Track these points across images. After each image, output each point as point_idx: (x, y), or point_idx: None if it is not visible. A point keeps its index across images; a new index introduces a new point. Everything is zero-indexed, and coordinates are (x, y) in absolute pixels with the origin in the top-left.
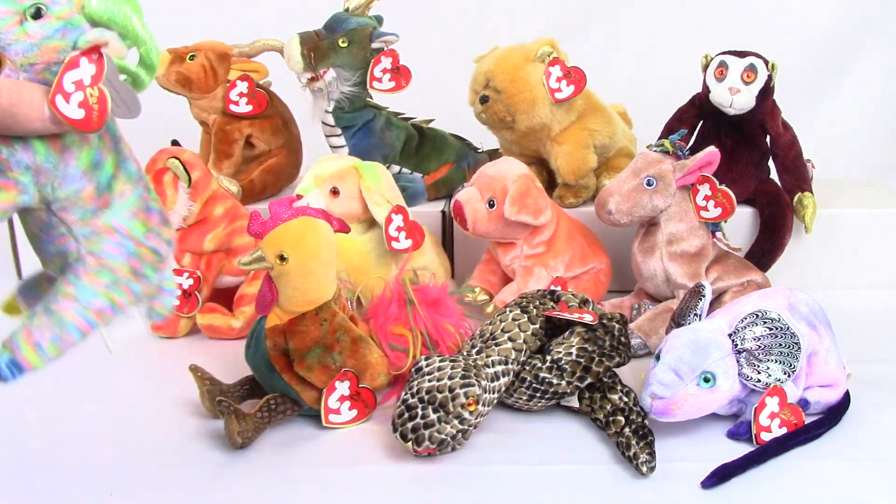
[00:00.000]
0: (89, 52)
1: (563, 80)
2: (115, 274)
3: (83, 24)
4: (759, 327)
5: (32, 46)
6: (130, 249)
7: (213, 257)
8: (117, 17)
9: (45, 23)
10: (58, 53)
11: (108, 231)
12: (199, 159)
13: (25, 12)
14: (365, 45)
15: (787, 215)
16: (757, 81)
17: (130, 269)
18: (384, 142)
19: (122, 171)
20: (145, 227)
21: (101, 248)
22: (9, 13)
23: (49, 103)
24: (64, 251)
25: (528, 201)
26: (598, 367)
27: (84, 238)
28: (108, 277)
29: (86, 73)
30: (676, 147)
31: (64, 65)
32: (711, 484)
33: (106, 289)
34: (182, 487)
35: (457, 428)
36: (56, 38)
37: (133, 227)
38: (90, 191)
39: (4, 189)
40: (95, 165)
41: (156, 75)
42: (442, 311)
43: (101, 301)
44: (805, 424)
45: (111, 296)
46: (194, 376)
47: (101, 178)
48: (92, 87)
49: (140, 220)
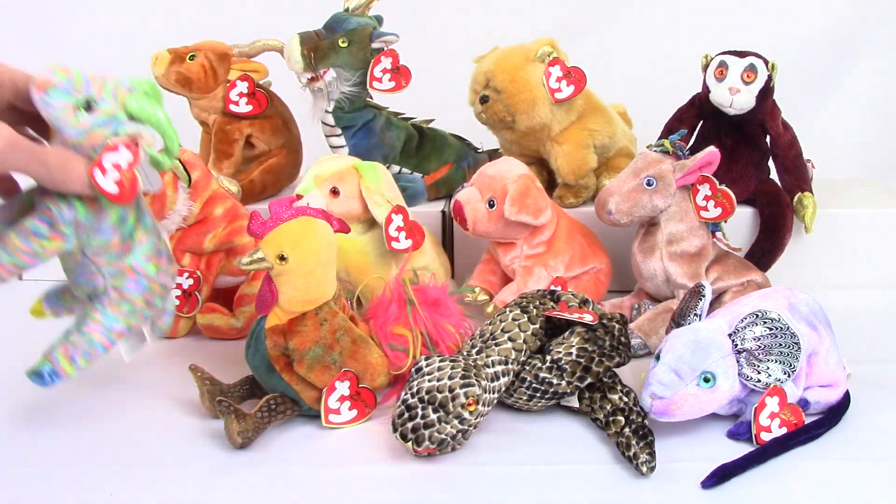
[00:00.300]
0: (127, 142)
1: (563, 80)
2: (133, 305)
3: (124, 118)
4: (759, 327)
5: (82, 133)
6: (145, 285)
7: (213, 257)
8: (151, 116)
9: (94, 115)
10: (102, 139)
11: (129, 271)
12: (199, 159)
13: (79, 105)
14: (365, 45)
15: (787, 215)
16: (757, 81)
17: (144, 300)
18: (384, 142)
19: (142, 224)
20: (157, 267)
21: (123, 284)
22: (66, 105)
23: (88, 174)
24: (93, 284)
25: (528, 201)
26: (598, 367)
27: (110, 276)
28: (127, 307)
29: (123, 158)
30: (676, 147)
31: (105, 147)
32: (711, 484)
33: (125, 316)
34: (182, 487)
35: (457, 428)
36: (101, 128)
37: (148, 268)
38: (116, 240)
39: (54, 239)
40: (121, 221)
41: (156, 77)
42: (442, 311)
43: (121, 325)
44: (805, 424)
45: (129, 321)
46: (194, 376)
47: (125, 231)
48: (127, 171)
49: (153, 262)
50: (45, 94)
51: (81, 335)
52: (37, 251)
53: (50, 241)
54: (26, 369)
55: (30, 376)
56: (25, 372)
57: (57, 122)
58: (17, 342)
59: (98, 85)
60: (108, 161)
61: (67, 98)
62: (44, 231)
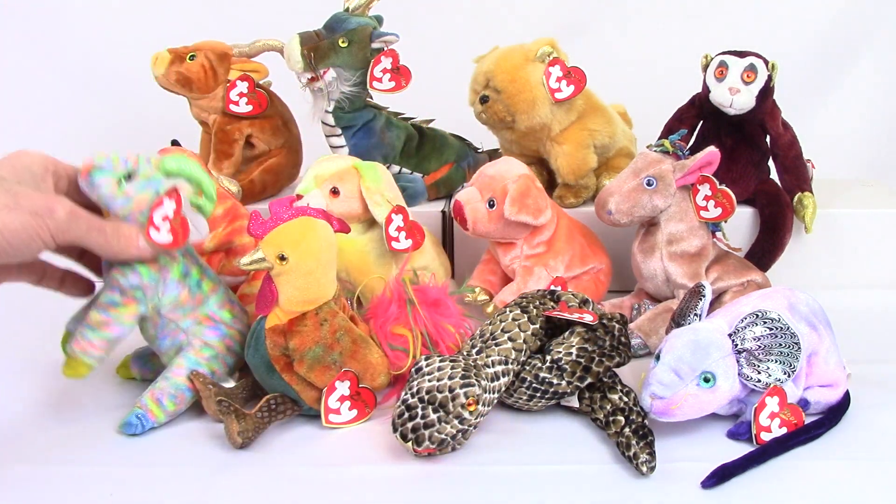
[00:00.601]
0: (170, 194)
1: (563, 80)
2: (214, 350)
3: (161, 177)
4: (759, 327)
5: (128, 200)
6: (223, 332)
7: (213, 257)
8: (186, 170)
9: (136, 182)
10: (147, 203)
11: (206, 320)
12: (199, 159)
13: (121, 178)
14: (365, 45)
15: (787, 215)
16: (757, 81)
17: (225, 346)
18: (384, 142)
19: (207, 277)
20: (231, 314)
21: (202, 332)
22: (110, 181)
23: (145, 236)
24: (177, 342)
25: (528, 201)
26: (598, 367)
27: (190, 329)
28: (209, 352)
29: (169, 209)
30: (676, 147)
31: (153, 205)
32: (711, 484)
33: (207, 361)
34: (182, 487)
35: (457, 428)
36: (144, 191)
37: (223, 315)
38: (185, 294)
39: (128, 305)
40: (185, 275)
41: (156, 77)
42: (442, 311)
43: (204, 369)
44: (805, 424)
45: (211, 366)
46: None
47: (192, 283)
48: (175, 218)
49: (227, 309)
50: (89, 177)
51: (167, 381)
52: (116, 319)
53: (125, 307)
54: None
55: (121, 427)
56: (119, 426)
57: (105, 200)
58: (18, 342)
59: (133, 158)
60: (158, 216)
61: (110, 175)
62: (117, 299)
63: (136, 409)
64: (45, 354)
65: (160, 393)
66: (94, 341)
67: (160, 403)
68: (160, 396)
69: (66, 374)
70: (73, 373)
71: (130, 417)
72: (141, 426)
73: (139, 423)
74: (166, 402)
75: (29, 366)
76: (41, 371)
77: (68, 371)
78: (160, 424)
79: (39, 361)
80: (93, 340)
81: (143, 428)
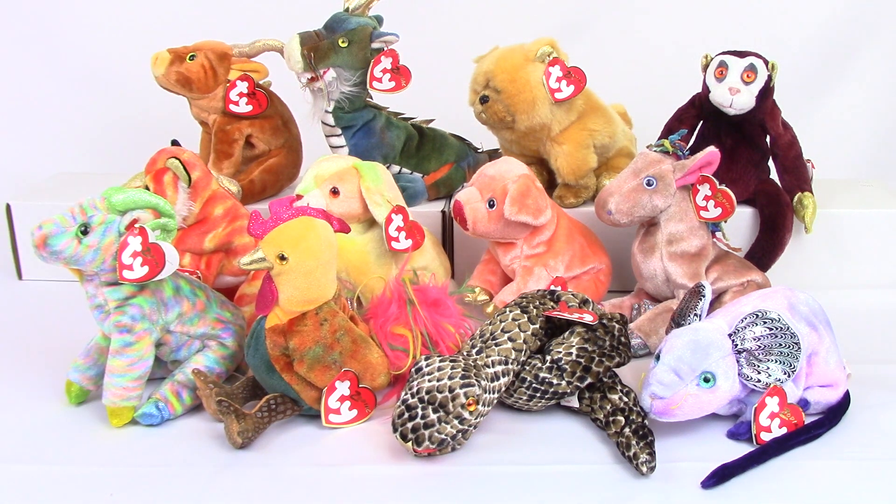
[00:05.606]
0: (130, 229)
1: (563, 80)
2: (230, 350)
3: (117, 217)
4: (759, 327)
5: (96, 252)
6: (233, 331)
7: (213, 257)
8: (135, 200)
9: (95, 232)
10: (113, 245)
11: (217, 323)
12: (199, 159)
13: (77, 233)
14: (365, 45)
15: (787, 215)
16: (757, 81)
17: (238, 345)
18: (384, 142)
19: (195, 285)
20: (230, 312)
21: (218, 334)
22: (69, 242)
23: (120, 279)
24: (192, 350)
25: (528, 201)
26: (598, 367)
27: (202, 333)
28: (226, 352)
29: (136, 245)
30: (676, 147)
31: (118, 248)
32: (711, 484)
33: (225, 360)
34: (182, 487)
35: (457, 428)
36: (107, 237)
37: (225, 315)
38: (186, 305)
39: (142, 339)
40: (177, 289)
41: (156, 77)
42: (442, 311)
43: (222, 369)
44: (805, 424)
45: (227, 366)
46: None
47: (187, 294)
48: (145, 250)
49: (226, 308)
50: (47, 247)
51: (186, 376)
52: (138, 357)
53: (140, 343)
54: (136, 413)
55: (139, 417)
56: (135, 415)
57: (72, 261)
58: (18, 342)
59: (77, 210)
60: (127, 256)
61: (65, 236)
62: (129, 339)
63: (156, 401)
64: (46, 355)
65: (180, 387)
66: (128, 385)
67: (179, 396)
68: (180, 390)
69: (115, 424)
70: (122, 420)
71: (149, 408)
72: (160, 417)
73: (159, 413)
74: (185, 395)
75: (29, 367)
76: (41, 372)
77: (116, 421)
78: (176, 416)
79: (40, 362)
80: (126, 385)
81: (162, 419)
